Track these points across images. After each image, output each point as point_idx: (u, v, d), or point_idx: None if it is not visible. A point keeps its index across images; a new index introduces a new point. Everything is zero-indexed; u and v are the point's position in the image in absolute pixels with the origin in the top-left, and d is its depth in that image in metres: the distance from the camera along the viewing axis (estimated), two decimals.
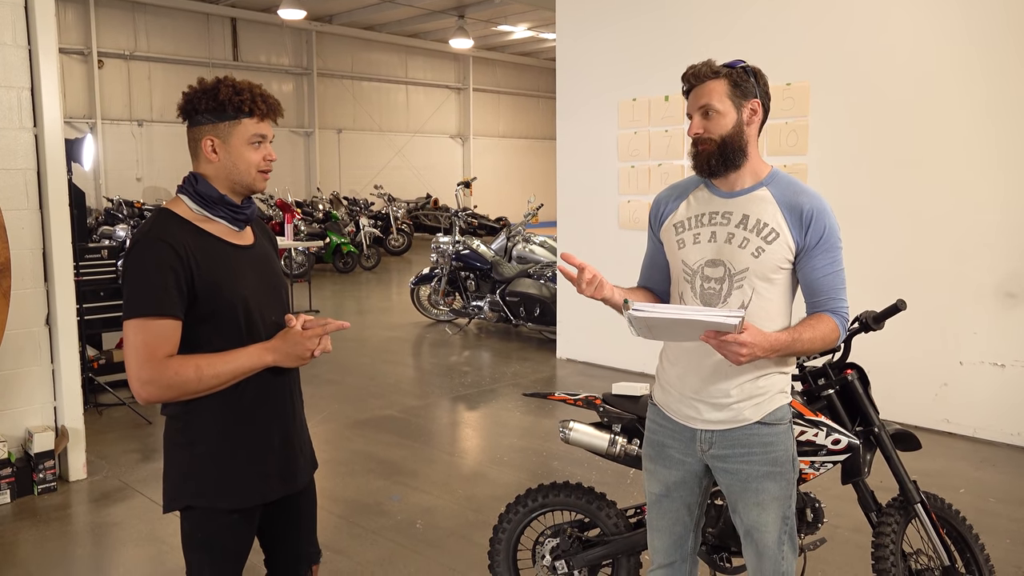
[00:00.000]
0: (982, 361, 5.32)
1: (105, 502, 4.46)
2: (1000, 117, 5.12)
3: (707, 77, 2.14)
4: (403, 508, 4.36)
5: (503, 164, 25.21)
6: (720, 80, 2.13)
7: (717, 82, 2.13)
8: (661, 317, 1.93)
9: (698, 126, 2.15)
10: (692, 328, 1.96)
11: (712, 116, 2.13)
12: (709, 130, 2.13)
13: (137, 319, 1.92)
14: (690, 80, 2.18)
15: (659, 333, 2.04)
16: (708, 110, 2.13)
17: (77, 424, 4.74)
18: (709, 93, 2.13)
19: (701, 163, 2.17)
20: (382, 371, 7.48)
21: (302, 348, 2.05)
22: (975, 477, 4.76)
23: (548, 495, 3.05)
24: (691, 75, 2.17)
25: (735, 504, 2.22)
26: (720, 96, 2.12)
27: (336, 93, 20.89)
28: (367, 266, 15.07)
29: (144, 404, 2.08)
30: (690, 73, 2.18)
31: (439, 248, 9.51)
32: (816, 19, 5.85)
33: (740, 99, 2.14)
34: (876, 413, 2.86)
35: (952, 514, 2.97)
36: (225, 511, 2.07)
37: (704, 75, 2.14)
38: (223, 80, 2.05)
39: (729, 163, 2.15)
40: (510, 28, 20.30)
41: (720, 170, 2.16)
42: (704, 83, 2.14)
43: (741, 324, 1.91)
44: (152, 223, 2.01)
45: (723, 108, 2.13)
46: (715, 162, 2.14)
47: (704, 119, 2.14)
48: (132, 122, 17.22)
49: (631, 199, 7.12)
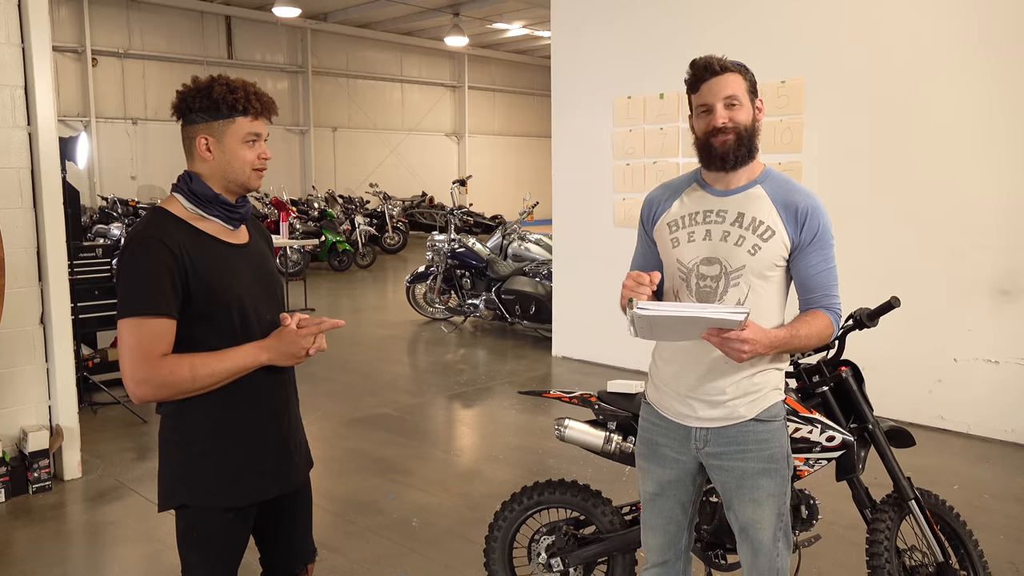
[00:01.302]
0: (976, 358, 5.34)
1: (100, 501, 4.45)
2: (995, 115, 5.14)
3: (727, 69, 2.12)
4: (399, 506, 4.36)
5: (498, 162, 25.20)
6: (737, 74, 2.13)
7: (735, 75, 2.13)
8: (666, 315, 1.91)
9: (723, 116, 2.10)
10: (695, 326, 1.95)
11: (735, 107, 2.11)
12: (735, 119, 2.11)
13: (131, 318, 1.92)
14: (710, 70, 2.12)
15: (660, 333, 2.03)
16: (732, 100, 2.11)
17: (72, 423, 4.73)
18: (732, 84, 2.11)
19: (725, 154, 2.12)
20: (377, 369, 7.48)
21: (297, 347, 2.05)
22: (969, 473, 4.78)
23: (544, 493, 3.06)
24: (712, 65, 2.12)
25: (730, 501, 2.23)
26: (742, 90, 2.12)
27: (331, 91, 20.86)
28: (363, 264, 15.06)
29: (139, 403, 2.07)
30: (710, 63, 2.13)
31: (435, 246, 9.51)
32: (810, 16, 5.85)
33: (752, 95, 2.15)
34: (870, 410, 2.87)
35: (946, 510, 2.98)
36: (220, 509, 2.07)
37: (725, 67, 2.12)
38: (217, 79, 2.05)
39: (748, 156, 2.15)
40: (505, 26, 20.28)
41: (740, 162, 2.14)
42: (724, 75, 2.11)
43: (745, 320, 1.91)
44: (146, 222, 2.01)
45: (744, 102, 2.13)
46: (742, 152, 2.13)
47: (728, 109, 2.11)
48: (126, 120, 17.17)
49: (626, 197, 7.13)
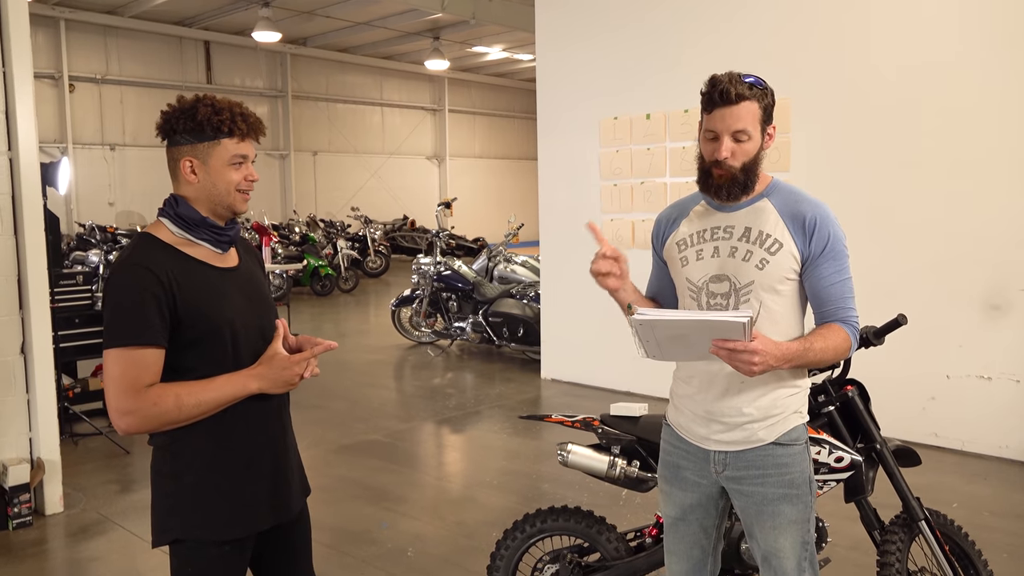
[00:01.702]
0: (968, 374, 5.34)
1: (83, 536, 4.31)
2: (985, 131, 5.17)
3: (744, 98, 2.01)
4: (392, 535, 4.26)
5: (479, 184, 25.21)
6: (754, 103, 2.02)
7: (752, 104, 2.02)
8: (665, 319, 1.88)
9: (728, 150, 2.03)
10: (700, 337, 1.90)
11: (744, 142, 2.03)
12: (737, 156, 2.04)
13: (117, 348, 1.86)
14: (726, 98, 2.01)
15: (667, 348, 1.97)
16: (742, 135, 2.03)
17: (53, 455, 4.59)
18: (744, 117, 2.02)
19: (719, 187, 2.08)
20: (365, 395, 7.37)
21: (289, 373, 1.98)
22: (967, 491, 4.75)
23: (547, 520, 2.98)
24: (729, 93, 2.00)
25: (751, 528, 2.16)
26: (754, 121, 2.03)
27: (311, 115, 20.81)
28: (345, 288, 14.95)
29: (124, 435, 2.00)
30: (727, 90, 2.00)
31: (420, 269, 9.44)
32: (797, 37, 5.89)
33: (765, 124, 2.07)
34: (877, 429, 2.83)
35: (955, 530, 2.95)
36: (216, 543, 2.00)
37: (743, 96, 2.00)
38: (202, 99, 2.00)
39: (748, 188, 2.09)
40: (485, 49, 20.36)
41: (734, 197, 2.09)
42: (740, 104, 2.01)
43: (750, 326, 1.83)
44: (132, 248, 1.95)
45: (754, 134, 2.04)
46: (735, 189, 2.08)
47: (735, 143, 2.03)
48: (104, 146, 17.01)
49: (614, 217, 7.11)
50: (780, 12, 5.97)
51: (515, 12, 15.60)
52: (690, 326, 1.89)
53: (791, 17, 5.91)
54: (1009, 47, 5.03)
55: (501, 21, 15.80)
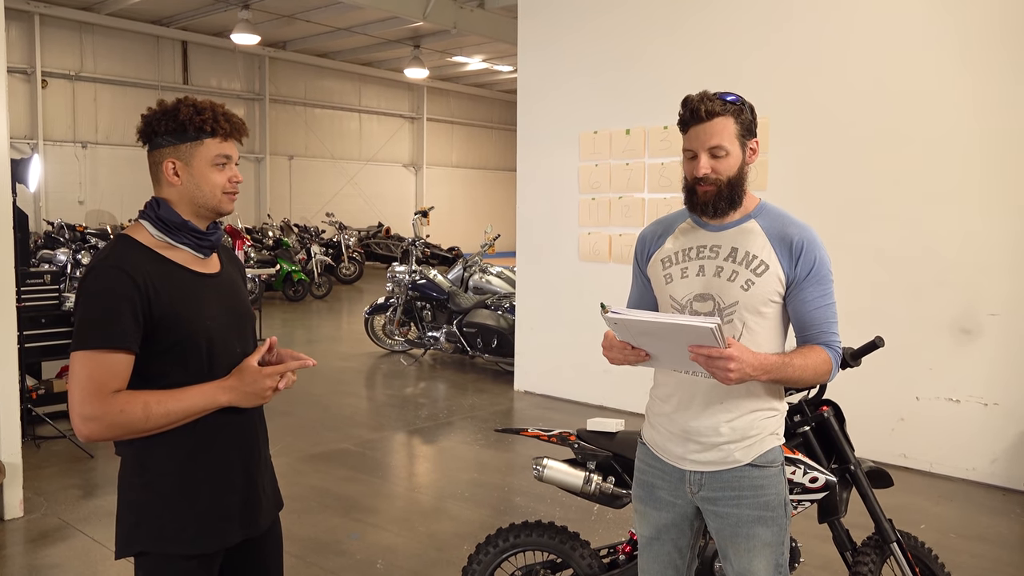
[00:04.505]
0: (937, 396, 5.40)
1: (43, 542, 4.20)
2: (956, 155, 5.24)
3: (716, 114, 2.03)
4: (362, 547, 4.20)
5: (456, 194, 25.21)
6: (729, 118, 2.04)
7: (726, 120, 2.04)
8: (635, 320, 1.91)
9: (706, 167, 2.04)
10: (673, 341, 1.92)
11: (721, 157, 2.05)
12: (718, 171, 2.05)
13: (85, 351, 1.80)
14: (696, 116, 2.04)
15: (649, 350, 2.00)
16: (718, 150, 2.04)
17: (14, 458, 4.48)
18: (720, 133, 2.03)
19: (705, 205, 2.09)
20: (336, 403, 7.29)
21: (260, 386, 1.94)
22: (934, 512, 4.79)
23: (520, 535, 2.95)
24: (699, 111, 2.03)
25: (725, 550, 2.15)
26: (730, 136, 2.04)
27: (288, 119, 20.69)
28: (318, 295, 14.83)
29: (86, 441, 1.94)
30: (696, 108, 2.04)
31: (395, 278, 9.38)
32: (776, 56, 5.95)
33: (745, 138, 2.08)
34: (852, 450, 2.84)
35: (925, 552, 2.96)
36: (182, 557, 1.94)
37: (714, 112, 2.03)
38: (183, 100, 1.97)
39: (733, 204, 2.10)
40: (465, 59, 20.39)
41: (724, 211, 2.10)
42: (712, 121, 2.03)
43: (720, 333, 1.82)
44: (109, 250, 1.91)
45: (732, 149, 2.05)
46: (722, 204, 2.08)
47: (713, 159, 2.05)
48: (76, 144, 16.78)
49: (591, 231, 7.12)
50: (760, 33, 6.03)
51: (497, 23, 15.65)
52: (660, 328, 1.92)
53: (770, 38, 5.97)
54: (982, 77, 5.11)
55: (482, 32, 15.83)
